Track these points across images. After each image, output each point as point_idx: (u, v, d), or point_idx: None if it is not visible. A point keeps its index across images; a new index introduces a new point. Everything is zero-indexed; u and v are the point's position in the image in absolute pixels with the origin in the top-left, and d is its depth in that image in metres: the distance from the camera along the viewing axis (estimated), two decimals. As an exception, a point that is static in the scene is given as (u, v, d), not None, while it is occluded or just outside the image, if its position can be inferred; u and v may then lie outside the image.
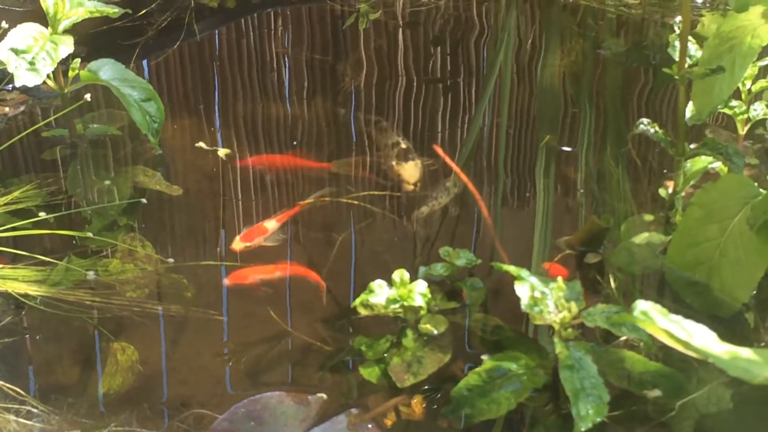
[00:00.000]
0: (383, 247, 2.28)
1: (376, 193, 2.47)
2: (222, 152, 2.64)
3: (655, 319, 1.14)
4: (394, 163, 2.57)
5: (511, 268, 1.80)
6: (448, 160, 2.58)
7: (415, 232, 2.32)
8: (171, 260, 2.18)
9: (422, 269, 2.05)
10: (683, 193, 2.24)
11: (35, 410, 1.77)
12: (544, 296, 1.75)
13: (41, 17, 2.44)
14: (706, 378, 1.80)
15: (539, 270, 2.15)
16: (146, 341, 1.98)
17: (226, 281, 2.12)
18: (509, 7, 3.66)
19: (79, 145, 2.65)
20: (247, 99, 3.04)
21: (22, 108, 2.87)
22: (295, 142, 2.77)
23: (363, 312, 1.91)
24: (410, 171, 2.54)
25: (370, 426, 1.74)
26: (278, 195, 2.51)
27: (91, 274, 2.11)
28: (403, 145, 2.63)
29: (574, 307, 1.73)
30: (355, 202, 2.42)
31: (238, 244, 2.24)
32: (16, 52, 2.30)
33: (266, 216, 2.37)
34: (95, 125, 2.72)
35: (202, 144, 2.68)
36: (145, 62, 3.22)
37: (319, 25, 3.59)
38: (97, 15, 2.53)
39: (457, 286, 2.06)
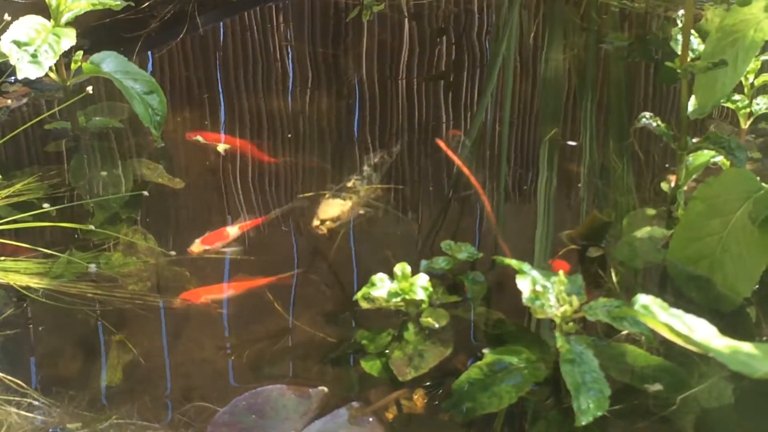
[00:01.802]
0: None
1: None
2: (220, 147, 2.64)
3: (656, 313, 1.14)
4: (328, 193, 2.42)
5: (513, 262, 1.80)
6: (450, 153, 2.58)
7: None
8: (173, 253, 2.18)
9: (424, 263, 2.05)
10: (685, 187, 2.24)
11: (36, 402, 1.77)
12: (545, 290, 1.75)
13: (43, 9, 2.44)
14: (708, 372, 1.80)
15: (541, 264, 2.15)
16: (148, 334, 1.98)
17: (178, 300, 2.06)
18: (512, 1, 3.66)
19: (81, 137, 2.66)
20: (250, 92, 3.04)
21: (24, 100, 2.87)
22: (289, 135, 2.77)
23: (364, 305, 1.90)
24: (327, 208, 2.36)
25: (371, 419, 1.75)
26: (276, 190, 2.51)
27: (92, 267, 2.11)
28: (349, 183, 2.46)
29: (576, 301, 1.73)
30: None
31: (197, 247, 2.21)
32: (18, 44, 2.30)
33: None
34: (98, 118, 2.72)
35: (199, 138, 2.68)
36: (148, 55, 3.22)
37: (322, 18, 3.58)
38: (100, 7, 2.53)
39: (458, 279, 2.06)
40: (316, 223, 2.30)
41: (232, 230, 2.28)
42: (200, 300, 2.05)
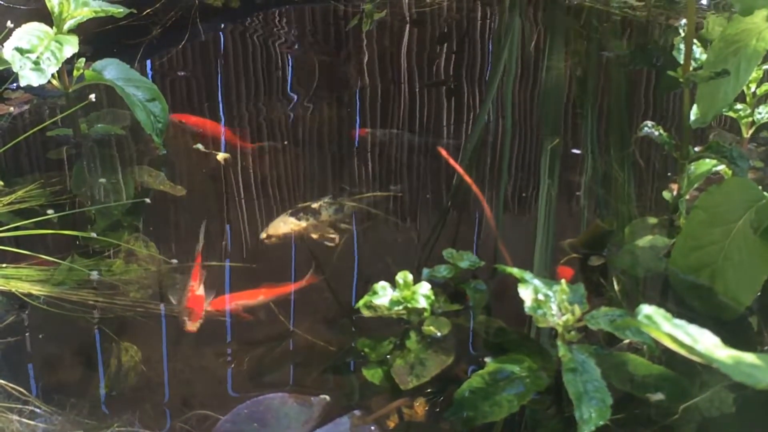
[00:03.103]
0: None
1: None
2: (220, 156, 2.64)
3: (659, 323, 1.13)
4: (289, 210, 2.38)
5: (515, 271, 1.80)
6: (452, 161, 2.58)
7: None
8: (174, 261, 2.18)
9: (425, 271, 2.05)
10: (687, 196, 2.24)
11: (38, 410, 1.77)
12: (547, 299, 1.75)
13: (46, 16, 2.44)
14: (710, 381, 1.80)
15: (541, 272, 2.15)
16: (149, 341, 1.98)
17: (207, 307, 2.06)
18: (513, 8, 3.66)
19: (83, 144, 2.65)
20: (251, 99, 3.04)
21: (26, 107, 2.87)
22: (285, 142, 2.77)
23: (366, 313, 1.90)
24: (279, 224, 2.33)
25: (372, 428, 1.74)
26: (274, 198, 2.52)
27: (94, 274, 2.11)
28: (314, 204, 2.40)
29: (578, 310, 1.73)
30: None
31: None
32: (20, 51, 2.30)
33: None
34: (100, 125, 2.72)
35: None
36: (149, 62, 3.23)
37: (322, 25, 3.59)
38: (102, 14, 2.53)
39: (460, 288, 2.06)
40: (263, 235, 2.29)
41: (200, 289, 2.13)
42: (231, 308, 2.05)
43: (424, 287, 1.92)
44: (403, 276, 1.91)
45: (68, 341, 1.99)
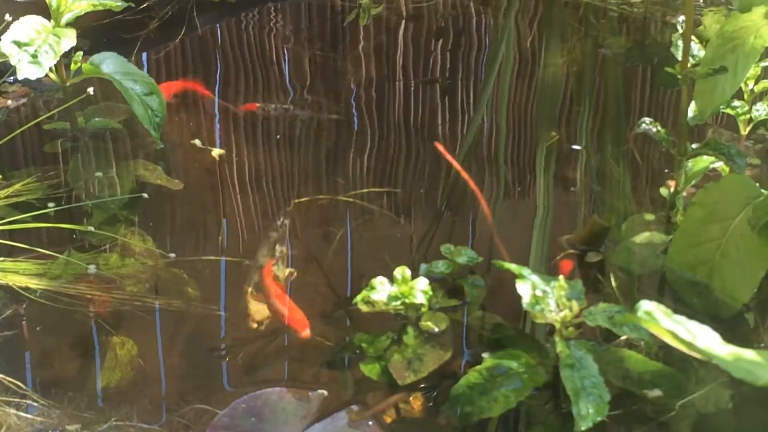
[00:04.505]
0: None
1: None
2: (216, 152, 2.63)
3: (659, 319, 1.13)
4: (251, 287, 2.16)
5: (513, 267, 1.80)
6: (449, 157, 2.58)
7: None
8: (172, 255, 2.18)
9: (423, 266, 2.05)
10: (684, 193, 2.24)
11: (35, 404, 1.77)
12: (545, 295, 1.75)
13: (44, 9, 2.43)
14: (707, 378, 1.80)
15: (538, 268, 2.15)
16: (146, 336, 1.98)
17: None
18: (510, 4, 3.66)
19: (80, 138, 2.65)
20: (248, 93, 3.04)
21: (23, 100, 2.86)
22: (278, 136, 2.77)
23: (364, 308, 1.91)
24: (257, 308, 2.10)
25: (370, 423, 1.75)
26: (274, 193, 2.52)
27: (91, 268, 2.11)
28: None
29: (576, 306, 1.73)
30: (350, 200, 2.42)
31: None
32: (18, 44, 2.30)
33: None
34: (97, 119, 2.71)
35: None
36: (146, 55, 3.22)
37: (319, 20, 3.58)
38: (100, 8, 2.52)
39: (458, 283, 2.06)
40: (254, 325, 2.06)
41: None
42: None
43: (422, 283, 1.92)
44: (401, 271, 1.91)
45: (65, 335, 1.99)
